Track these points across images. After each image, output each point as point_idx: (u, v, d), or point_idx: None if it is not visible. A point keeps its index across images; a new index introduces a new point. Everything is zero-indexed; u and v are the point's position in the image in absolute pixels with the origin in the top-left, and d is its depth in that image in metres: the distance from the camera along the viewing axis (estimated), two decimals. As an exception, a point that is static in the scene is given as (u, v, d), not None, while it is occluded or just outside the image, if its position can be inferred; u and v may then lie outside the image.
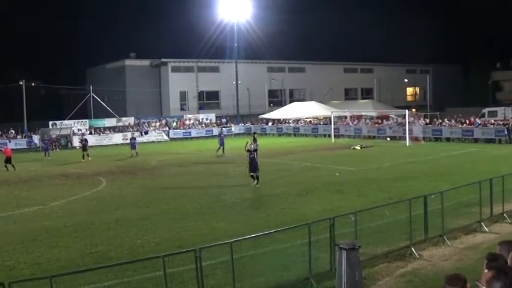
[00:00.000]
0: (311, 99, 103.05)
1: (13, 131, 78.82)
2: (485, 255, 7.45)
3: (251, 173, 35.26)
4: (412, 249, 18.67)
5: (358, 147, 59.26)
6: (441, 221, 20.29)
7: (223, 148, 57.51)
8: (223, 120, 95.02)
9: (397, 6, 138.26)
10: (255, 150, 36.05)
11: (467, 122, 66.10)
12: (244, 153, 36.97)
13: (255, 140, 48.63)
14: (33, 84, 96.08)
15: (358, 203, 25.91)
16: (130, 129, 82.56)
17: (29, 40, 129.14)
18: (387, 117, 78.37)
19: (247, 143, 37.40)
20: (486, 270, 6.36)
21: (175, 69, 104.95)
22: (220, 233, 21.69)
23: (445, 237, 20.02)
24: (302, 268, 16.45)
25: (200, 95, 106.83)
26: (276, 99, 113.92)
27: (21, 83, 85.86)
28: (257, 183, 34.62)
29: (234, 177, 40.33)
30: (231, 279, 14.54)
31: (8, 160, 48.69)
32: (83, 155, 56.01)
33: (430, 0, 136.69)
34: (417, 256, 18.45)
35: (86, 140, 60.15)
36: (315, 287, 15.79)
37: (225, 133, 70.54)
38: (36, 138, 75.04)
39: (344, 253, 14.50)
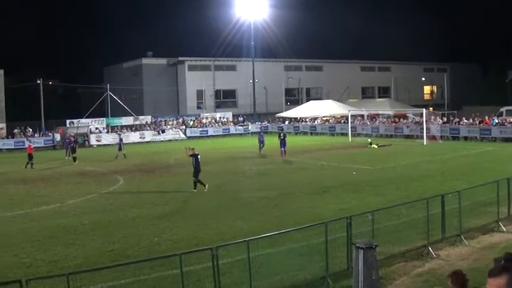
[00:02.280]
0: (328, 98, 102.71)
1: (31, 129, 79.10)
2: (503, 255, 7.41)
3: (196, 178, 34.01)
4: (429, 248, 18.62)
5: (375, 146, 59.10)
6: (458, 220, 20.22)
7: (262, 146, 56.07)
8: (240, 118, 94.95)
9: (415, 4, 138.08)
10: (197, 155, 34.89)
11: (484, 120, 65.75)
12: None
13: (284, 136, 50.99)
14: (50, 83, 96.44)
15: (375, 202, 25.85)
16: (148, 128, 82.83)
17: (46, 39, 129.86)
18: (404, 116, 78.05)
19: (186, 148, 36.25)
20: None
21: (192, 68, 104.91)
22: (237, 232, 21.70)
23: (462, 237, 19.95)
24: (319, 267, 16.44)
25: (217, 93, 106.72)
26: (293, 98, 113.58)
27: (39, 81, 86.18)
28: (194, 188, 33.56)
29: (250, 176, 40.30)
30: (248, 278, 14.56)
31: (30, 157, 49.49)
32: (74, 157, 53.63)
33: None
34: (434, 256, 18.39)
35: (75, 141, 59.40)
36: (332, 286, 15.77)
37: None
38: (58, 137, 75.24)
39: (361, 252, 14.48)
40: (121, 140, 60.39)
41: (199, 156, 34.61)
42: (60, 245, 21.29)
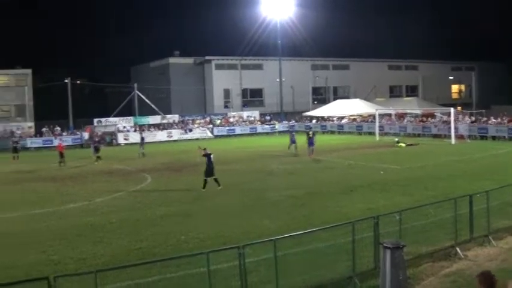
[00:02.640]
0: (355, 97, 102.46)
1: (59, 128, 79.66)
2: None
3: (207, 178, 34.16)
4: (457, 249, 18.49)
5: (402, 145, 58.85)
6: (487, 220, 20.07)
7: (295, 145, 54.92)
8: (267, 117, 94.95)
9: (442, 2, 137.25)
10: (210, 154, 35.06)
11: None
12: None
13: (313, 135, 51.71)
14: (78, 82, 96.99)
15: (403, 202, 25.73)
16: (175, 127, 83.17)
17: (74, 38, 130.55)
18: (432, 115, 77.65)
19: (198, 148, 36.77)
20: None
21: (219, 67, 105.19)
22: (264, 230, 21.70)
23: (490, 237, 19.80)
24: (345, 267, 16.38)
25: (244, 92, 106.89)
26: (320, 97, 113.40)
27: (67, 81, 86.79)
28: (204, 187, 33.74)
29: (278, 175, 40.27)
30: (274, 277, 14.54)
31: (61, 155, 50.29)
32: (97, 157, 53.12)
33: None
34: (462, 256, 18.27)
35: (99, 141, 60.03)
36: (359, 286, 15.72)
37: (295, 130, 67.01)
38: (85, 135, 75.73)
39: (388, 252, 14.41)
40: (142, 138, 60.53)
41: (212, 156, 34.78)
42: (88, 242, 21.43)
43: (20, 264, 18.66)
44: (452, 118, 64.08)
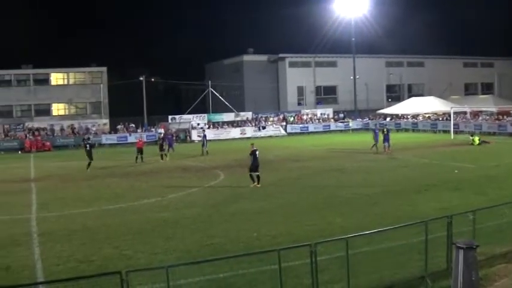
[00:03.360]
0: (430, 95, 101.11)
1: (133, 125, 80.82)
2: None
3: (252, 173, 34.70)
4: (533, 249, 18.14)
5: (476, 140, 57.84)
6: None
7: (376, 145, 53.40)
8: (341, 115, 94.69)
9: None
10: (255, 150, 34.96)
11: None
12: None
13: (388, 132, 52.12)
14: (152, 79, 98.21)
15: (477, 201, 25.29)
16: (249, 124, 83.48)
17: (150, 36, 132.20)
18: (508, 113, 76.27)
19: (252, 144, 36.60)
20: None
21: (292, 65, 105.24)
22: (336, 229, 21.61)
23: None
24: (417, 266, 16.21)
25: (317, 89, 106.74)
26: (394, 94, 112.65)
27: (142, 78, 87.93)
28: (257, 183, 34.22)
29: (351, 173, 40.07)
30: (346, 275, 14.48)
31: (140, 151, 50.91)
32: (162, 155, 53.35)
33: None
34: (538, 257, 17.91)
35: (163, 139, 58.80)
36: (431, 286, 15.53)
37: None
38: (160, 132, 76.60)
39: (461, 252, 14.22)
40: (205, 136, 60.62)
41: (257, 152, 34.78)
42: (160, 238, 21.66)
43: (94, 258, 19.00)
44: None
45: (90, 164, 45.47)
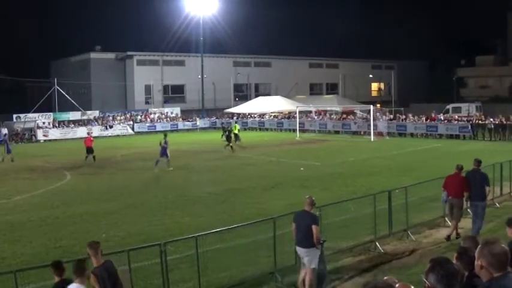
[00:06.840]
0: (276, 94, 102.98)
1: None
2: (456, 248, 7.56)
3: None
4: (377, 243, 18.83)
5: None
6: (405, 215, 20.47)
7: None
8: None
9: (365, 1, 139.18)
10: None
11: (430, 117, 66.68)
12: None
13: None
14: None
15: (323, 198, 25.82)
16: (95, 123, 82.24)
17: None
18: (352, 112, 78.71)
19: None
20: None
21: (140, 63, 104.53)
22: (185, 228, 21.71)
23: (409, 232, 20.21)
24: (267, 262, 16.53)
25: (165, 88, 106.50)
26: (242, 94, 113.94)
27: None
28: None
29: (199, 172, 40.26)
30: (196, 274, 14.59)
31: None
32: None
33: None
34: (381, 250, 18.61)
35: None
36: (280, 281, 15.86)
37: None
38: (4, 131, 74.04)
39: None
40: (5, 135, 59.00)
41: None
42: (7, 241, 21.06)
43: None
44: (371, 115, 65.11)
45: None
